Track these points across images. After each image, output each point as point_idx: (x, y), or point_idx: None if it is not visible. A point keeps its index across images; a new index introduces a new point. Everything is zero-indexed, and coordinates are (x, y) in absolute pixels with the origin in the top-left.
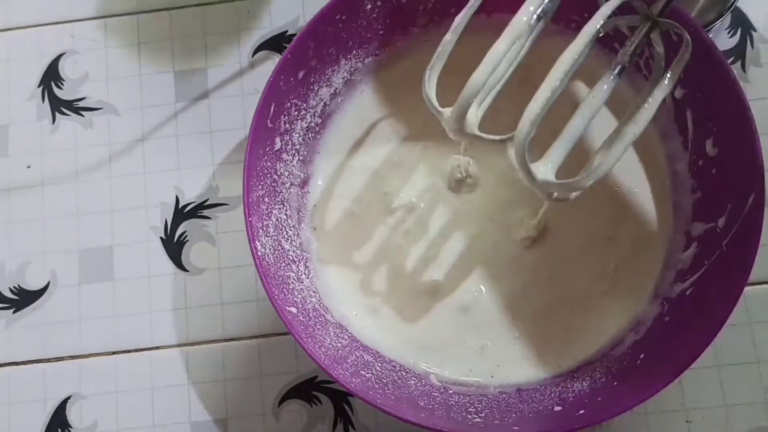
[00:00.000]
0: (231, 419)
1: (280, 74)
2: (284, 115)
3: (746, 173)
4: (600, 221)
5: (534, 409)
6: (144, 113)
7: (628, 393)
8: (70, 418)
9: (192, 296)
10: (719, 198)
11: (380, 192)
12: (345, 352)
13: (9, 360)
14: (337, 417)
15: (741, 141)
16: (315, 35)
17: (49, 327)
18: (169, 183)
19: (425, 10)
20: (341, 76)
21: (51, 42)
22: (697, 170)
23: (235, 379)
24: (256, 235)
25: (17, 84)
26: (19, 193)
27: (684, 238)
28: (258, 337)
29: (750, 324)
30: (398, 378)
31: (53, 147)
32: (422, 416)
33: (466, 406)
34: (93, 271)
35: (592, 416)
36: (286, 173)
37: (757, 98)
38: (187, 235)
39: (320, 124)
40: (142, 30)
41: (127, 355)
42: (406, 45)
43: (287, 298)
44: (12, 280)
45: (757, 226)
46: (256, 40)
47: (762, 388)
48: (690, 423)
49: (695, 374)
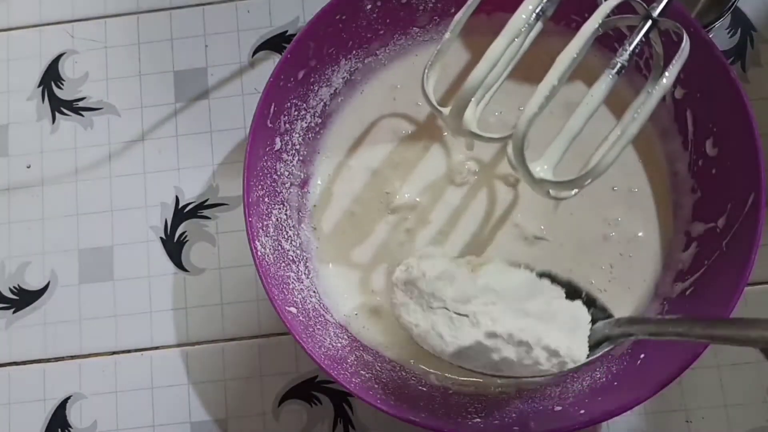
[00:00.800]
0: (231, 419)
1: (280, 74)
2: (284, 115)
3: (746, 173)
4: (599, 221)
5: (534, 409)
6: (144, 113)
7: (628, 393)
8: (70, 418)
9: (192, 296)
10: (719, 198)
11: (381, 191)
12: (345, 352)
13: (9, 360)
14: (337, 417)
15: (741, 141)
16: (315, 35)
17: (49, 327)
18: (169, 183)
19: (425, 10)
20: (341, 76)
21: (51, 42)
22: (697, 170)
23: (235, 379)
24: (256, 235)
25: (17, 84)
26: (19, 193)
27: (684, 238)
28: (258, 337)
29: None
30: (398, 378)
31: (53, 147)
32: (422, 416)
33: (466, 406)
34: (93, 271)
35: (592, 416)
36: (286, 173)
37: (757, 98)
38: (187, 235)
39: (320, 124)
40: (142, 30)
41: (127, 355)
42: (406, 45)
43: (287, 298)
44: (12, 280)
45: (757, 226)
46: (256, 40)
47: (762, 388)
48: (690, 423)
49: (695, 374)
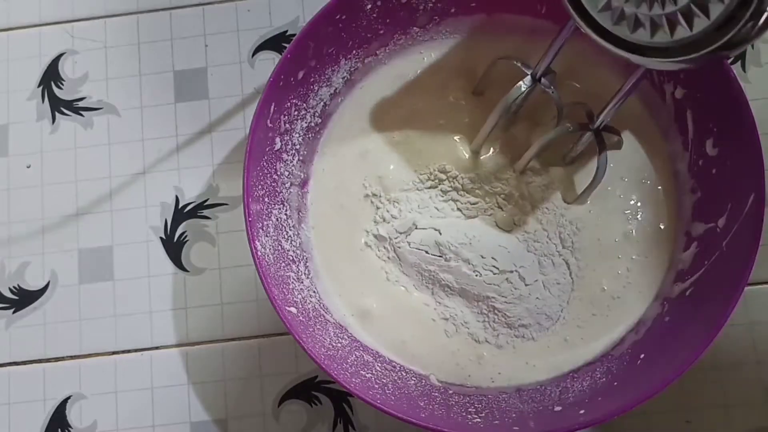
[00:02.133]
0: (231, 419)
1: (280, 74)
2: (284, 115)
3: (746, 173)
4: (614, 226)
5: (534, 409)
6: (144, 113)
7: (628, 393)
8: (70, 418)
9: (192, 296)
10: (719, 198)
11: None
12: (345, 352)
13: (9, 360)
14: (337, 417)
15: (741, 141)
16: (315, 35)
17: (49, 327)
18: (169, 183)
19: (425, 10)
20: (341, 76)
21: (51, 42)
22: (697, 170)
23: (235, 379)
24: (256, 235)
25: (17, 84)
26: (19, 193)
27: (684, 238)
28: (258, 337)
29: (750, 324)
30: (398, 378)
31: (53, 147)
32: (422, 416)
33: (466, 406)
34: (93, 271)
35: (592, 416)
36: (286, 173)
37: (757, 98)
38: (187, 235)
39: (320, 124)
40: (142, 30)
41: (127, 355)
42: (406, 45)
43: (287, 298)
44: (12, 280)
45: (757, 226)
46: (256, 40)
47: (762, 388)
48: (690, 423)
49: (695, 374)
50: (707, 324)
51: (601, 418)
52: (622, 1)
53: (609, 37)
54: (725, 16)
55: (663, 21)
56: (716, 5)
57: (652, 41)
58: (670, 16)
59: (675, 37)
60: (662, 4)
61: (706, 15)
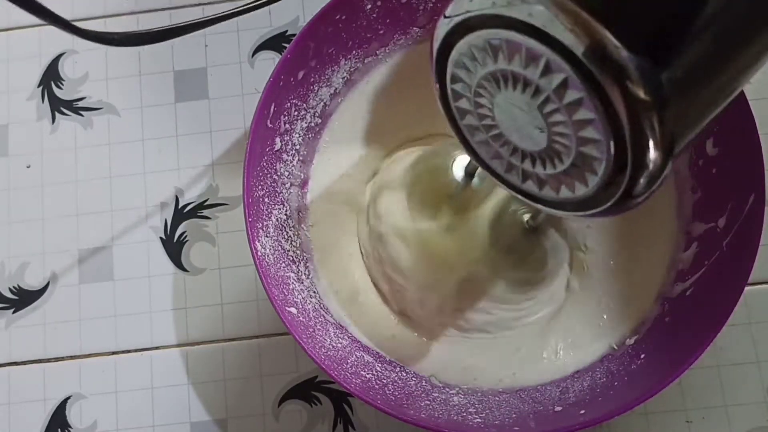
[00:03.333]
0: (231, 419)
1: (280, 74)
2: (284, 115)
3: (746, 173)
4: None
5: (534, 409)
6: (144, 113)
7: (628, 393)
8: (70, 418)
9: (192, 296)
10: (719, 198)
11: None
12: (345, 353)
13: (9, 360)
14: (337, 417)
15: (741, 141)
16: (315, 35)
17: (49, 327)
18: (169, 183)
19: (425, 10)
20: (341, 76)
21: (51, 42)
22: (697, 170)
23: (235, 379)
24: (256, 235)
25: (17, 84)
26: (19, 193)
27: (684, 238)
28: (258, 337)
29: (750, 324)
30: (398, 378)
31: (53, 147)
32: (422, 416)
33: (466, 406)
34: (93, 271)
35: (592, 416)
36: (286, 173)
37: (757, 98)
38: (187, 235)
39: (320, 124)
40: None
41: (127, 355)
42: (406, 45)
43: (287, 298)
44: (12, 280)
45: (757, 226)
46: (256, 40)
47: (762, 388)
48: (690, 423)
49: (695, 374)
50: (707, 324)
51: (602, 418)
52: (508, 155)
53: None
54: (605, 182)
55: (548, 179)
56: (591, 177)
57: (541, 194)
58: (551, 179)
59: (561, 196)
60: (543, 165)
61: (584, 184)
